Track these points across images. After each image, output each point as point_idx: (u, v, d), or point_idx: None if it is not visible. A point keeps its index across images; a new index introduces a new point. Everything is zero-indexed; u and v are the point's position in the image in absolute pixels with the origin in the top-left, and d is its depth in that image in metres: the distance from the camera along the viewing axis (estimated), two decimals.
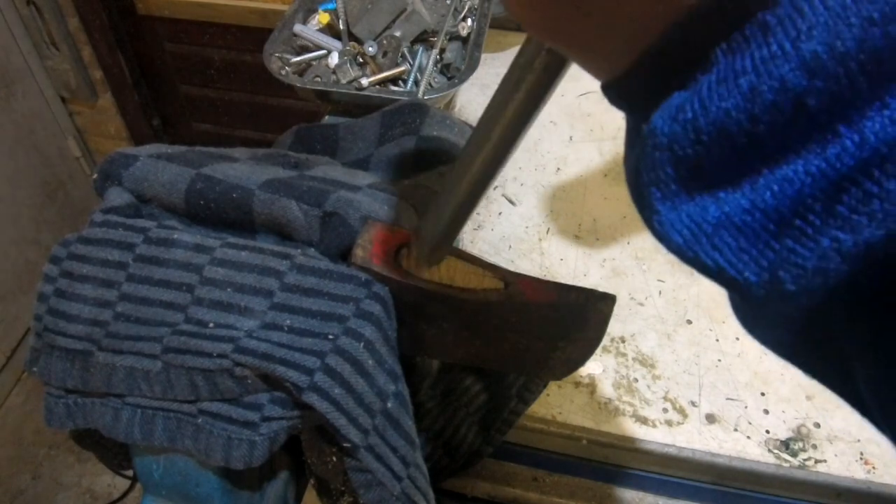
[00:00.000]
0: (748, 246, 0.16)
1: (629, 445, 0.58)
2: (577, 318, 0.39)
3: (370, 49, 0.81)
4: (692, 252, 0.17)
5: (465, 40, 0.84)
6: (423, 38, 0.84)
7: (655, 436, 0.57)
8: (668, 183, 0.17)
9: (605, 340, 0.64)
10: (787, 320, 0.17)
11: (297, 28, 0.85)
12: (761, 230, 0.16)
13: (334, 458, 0.40)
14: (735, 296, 0.18)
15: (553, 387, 0.61)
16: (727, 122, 0.15)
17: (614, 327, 0.65)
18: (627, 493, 0.64)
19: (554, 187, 0.81)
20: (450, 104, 0.83)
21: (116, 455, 0.47)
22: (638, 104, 0.19)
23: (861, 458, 0.56)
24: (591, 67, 0.20)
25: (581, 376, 0.62)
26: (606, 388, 0.61)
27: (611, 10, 0.17)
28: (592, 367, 0.62)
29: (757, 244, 0.16)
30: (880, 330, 0.16)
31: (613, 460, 0.61)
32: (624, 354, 0.63)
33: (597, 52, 0.19)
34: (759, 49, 0.15)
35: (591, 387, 0.61)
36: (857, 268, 0.15)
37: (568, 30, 0.19)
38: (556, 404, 0.60)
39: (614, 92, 0.20)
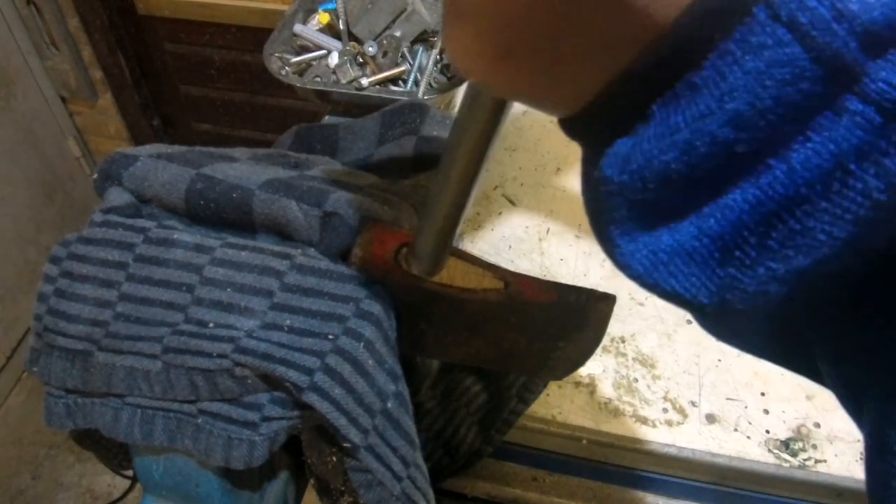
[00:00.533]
0: (699, 272, 0.18)
1: (629, 445, 0.58)
2: (577, 318, 0.39)
3: (370, 49, 0.81)
4: (652, 280, 0.19)
5: None
6: (423, 38, 0.84)
7: (655, 436, 0.57)
8: (625, 221, 0.20)
9: (605, 340, 0.64)
10: (747, 328, 0.20)
11: (297, 28, 0.85)
12: (709, 257, 0.18)
13: (334, 458, 0.40)
14: (695, 314, 0.21)
15: (553, 387, 0.61)
16: (669, 171, 0.18)
17: (614, 327, 0.65)
18: (627, 493, 0.64)
19: (554, 187, 0.81)
20: (450, 104, 0.83)
21: (116, 455, 0.47)
22: (588, 142, 0.21)
23: (861, 458, 0.56)
24: (542, 110, 0.22)
25: (581, 376, 0.62)
26: (606, 388, 0.61)
27: (556, 74, 0.19)
28: (592, 367, 0.62)
29: (706, 271, 0.18)
30: (833, 334, 0.18)
31: (613, 460, 0.61)
32: (624, 354, 0.63)
33: (545, 103, 0.22)
34: (689, 107, 0.17)
35: (591, 387, 0.61)
36: (794, 288, 0.17)
37: (518, 87, 0.21)
38: (556, 404, 0.60)
39: (566, 129, 0.22)
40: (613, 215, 0.20)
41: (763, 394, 0.60)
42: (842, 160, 0.15)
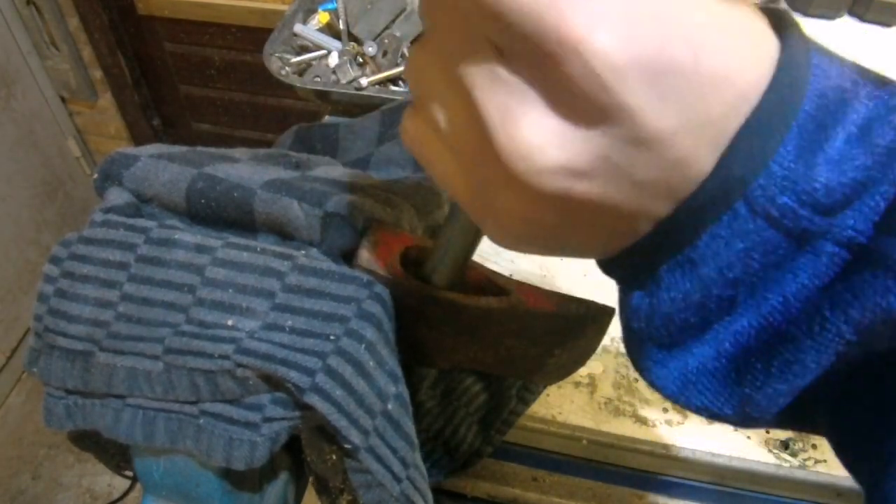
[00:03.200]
0: (721, 389, 0.22)
1: (629, 445, 0.58)
2: (575, 327, 0.40)
3: (370, 49, 0.81)
4: (684, 398, 0.23)
5: None
6: None
7: (655, 436, 0.58)
8: (652, 352, 0.23)
9: (605, 340, 0.64)
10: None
11: (297, 28, 0.85)
12: (727, 377, 0.22)
13: (334, 457, 0.40)
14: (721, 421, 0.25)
15: (553, 387, 0.61)
16: (686, 322, 0.22)
17: (614, 327, 0.65)
18: (627, 493, 0.64)
19: None
20: None
21: (114, 455, 0.47)
22: (615, 279, 0.25)
23: None
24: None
25: (581, 376, 0.62)
26: (606, 388, 0.61)
27: (578, 250, 0.23)
28: (592, 367, 0.62)
29: (727, 388, 0.22)
30: (837, 420, 0.22)
31: (613, 460, 0.61)
32: (624, 354, 0.63)
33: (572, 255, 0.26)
34: (693, 276, 0.21)
35: (591, 387, 0.61)
36: (799, 396, 0.21)
37: (533, 252, 0.25)
38: (556, 404, 0.60)
39: (601, 267, 0.25)
40: (643, 349, 0.24)
41: None
42: (820, 306, 0.19)
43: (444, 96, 0.21)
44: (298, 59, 0.83)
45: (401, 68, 0.81)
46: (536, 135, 0.18)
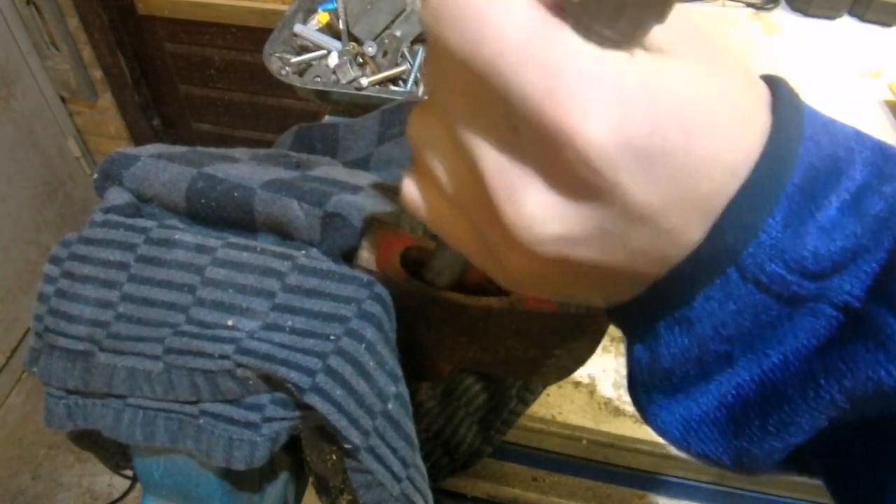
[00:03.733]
0: (721, 439, 0.23)
1: (629, 445, 0.58)
2: (575, 328, 0.40)
3: (370, 49, 0.81)
4: (686, 443, 0.24)
5: None
6: (423, 38, 0.84)
7: (655, 436, 0.57)
8: (656, 398, 0.24)
9: (605, 340, 0.64)
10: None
11: (297, 28, 0.85)
12: (727, 428, 0.22)
13: (334, 457, 0.40)
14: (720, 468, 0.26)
15: (553, 387, 0.61)
16: (687, 374, 0.23)
17: (615, 327, 0.65)
18: (627, 493, 0.64)
19: None
20: None
21: (114, 455, 0.47)
22: (619, 328, 0.27)
23: None
24: None
25: (581, 376, 0.62)
26: (606, 388, 0.61)
27: (583, 299, 0.25)
28: (592, 367, 0.62)
29: (726, 438, 0.23)
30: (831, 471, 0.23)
31: (613, 460, 0.61)
32: (624, 354, 0.63)
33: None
34: (690, 333, 0.21)
35: (591, 387, 0.61)
36: (793, 451, 0.22)
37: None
38: (556, 404, 0.60)
39: (607, 314, 0.27)
40: (647, 396, 0.25)
41: None
42: (815, 372, 0.20)
43: (448, 158, 0.22)
44: (298, 59, 0.83)
45: (401, 68, 0.81)
46: (538, 210, 0.19)
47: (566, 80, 0.17)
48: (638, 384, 0.25)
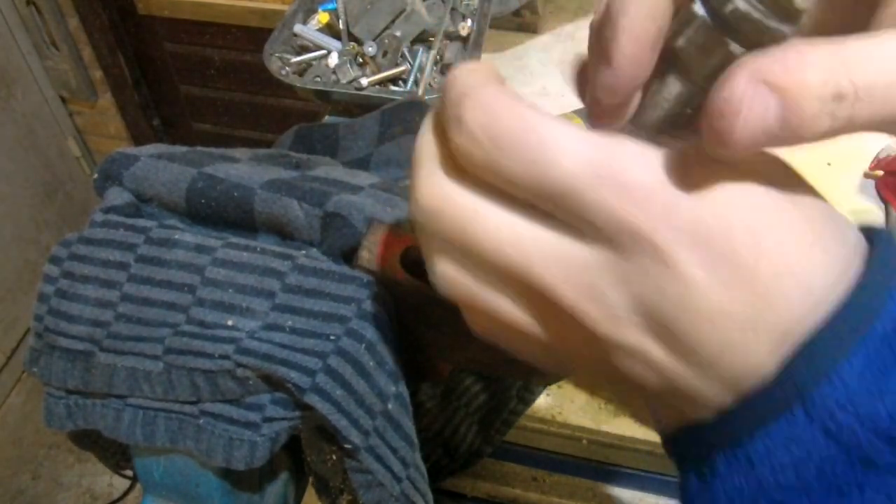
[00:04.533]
0: None
1: (629, 445, 0.58)
2: None
3: (370, 49, 0.81)
4: None
5: (464, 40, 0.84)
6: (423, 38, 0.84)
7: (655, 436, 0.57)
8: None
9: None
10: None
11: (297, 28, 0.85)
12: None
13: (333, 457, 0.40)
14: None
15: (553, 387, 0.61)
16: None
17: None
18: (627, 493, 0.64)
19: None
20: None
21: (114, 455, 0.47)
22: (672, 458, 0.26)
23: None
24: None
25: None
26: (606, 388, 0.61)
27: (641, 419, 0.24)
28: None
29: None
30: None
31: (613, 460, 0.61)
32: None
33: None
34: (749, 474, 0.20)
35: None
36: None
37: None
38: (556, 404, 0.60)
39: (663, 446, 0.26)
40: None
41: None
42: None
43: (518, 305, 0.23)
44: (298, 59, 0.83)
45: (401, 68, 0.81)
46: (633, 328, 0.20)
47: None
48: None
